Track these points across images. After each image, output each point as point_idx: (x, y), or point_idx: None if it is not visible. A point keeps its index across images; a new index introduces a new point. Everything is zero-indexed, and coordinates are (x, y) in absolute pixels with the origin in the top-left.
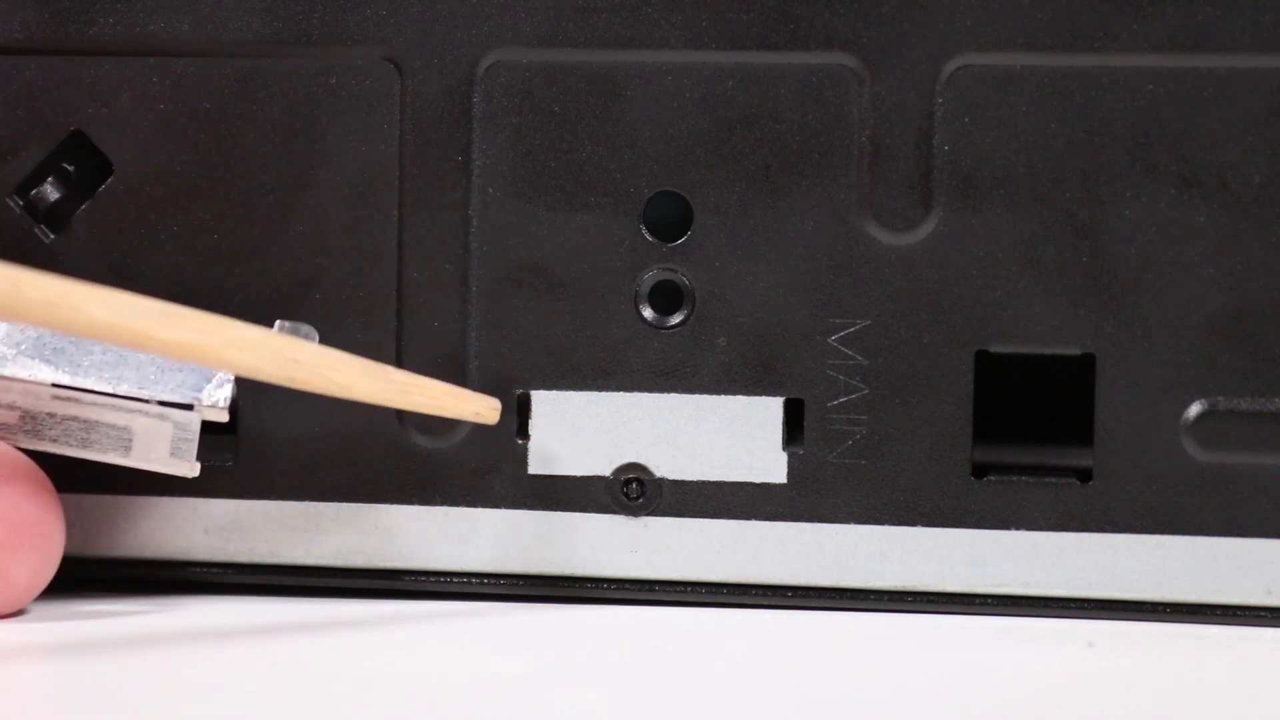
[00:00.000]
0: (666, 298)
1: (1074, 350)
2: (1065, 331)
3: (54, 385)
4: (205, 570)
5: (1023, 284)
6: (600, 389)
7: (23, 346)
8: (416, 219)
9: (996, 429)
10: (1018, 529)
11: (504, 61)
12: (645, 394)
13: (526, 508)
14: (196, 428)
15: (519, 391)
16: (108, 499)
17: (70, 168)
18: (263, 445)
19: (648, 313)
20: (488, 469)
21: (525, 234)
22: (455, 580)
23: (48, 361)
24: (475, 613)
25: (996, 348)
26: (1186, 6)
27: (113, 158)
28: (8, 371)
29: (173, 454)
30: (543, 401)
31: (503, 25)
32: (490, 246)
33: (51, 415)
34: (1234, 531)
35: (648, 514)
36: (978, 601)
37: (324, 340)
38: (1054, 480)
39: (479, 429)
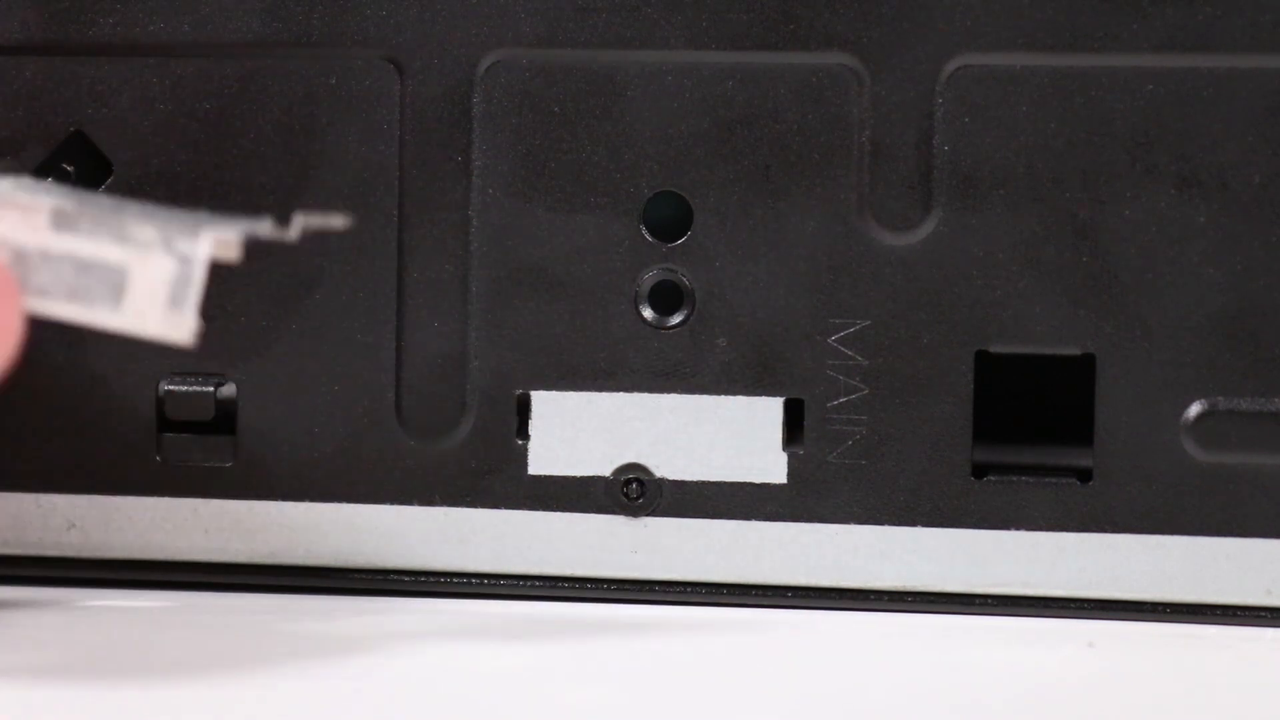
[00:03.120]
0: (666, 298)
1: (1074, 350)
2: (1065, 331)
3: (54, 212)
4: (205, 570)
5: (1023, 284)
6: (600, 389)
7: (24, 181)
8: (416, 219)
9: (996, 429)
10: (1018, 529)
11: (504, 61)
12: (645, 394)
13: (526, 508)
14: (203, 259)
15: (519, 391)
16: (108, 499)
17: (70, 168)
18: (262, 445)
19: (648, 313)
20: (488, 469)
21: (525, 234)
22: (455, 580)
23: (49, 192)
24: (475, 613)
25: (996, 348)
26: (1186, 6)
27: (113, 158)
28: (6, 193)
29: (171, 302)
30: (543, 401)
31: (503, 25)
32: (490, 247)
33: (44, 253)
34: (1234, 531)
35: (648, 514)
36: (978, 601)
37: (324, 338)
38: (1054, 480)
39: (479, 429)
